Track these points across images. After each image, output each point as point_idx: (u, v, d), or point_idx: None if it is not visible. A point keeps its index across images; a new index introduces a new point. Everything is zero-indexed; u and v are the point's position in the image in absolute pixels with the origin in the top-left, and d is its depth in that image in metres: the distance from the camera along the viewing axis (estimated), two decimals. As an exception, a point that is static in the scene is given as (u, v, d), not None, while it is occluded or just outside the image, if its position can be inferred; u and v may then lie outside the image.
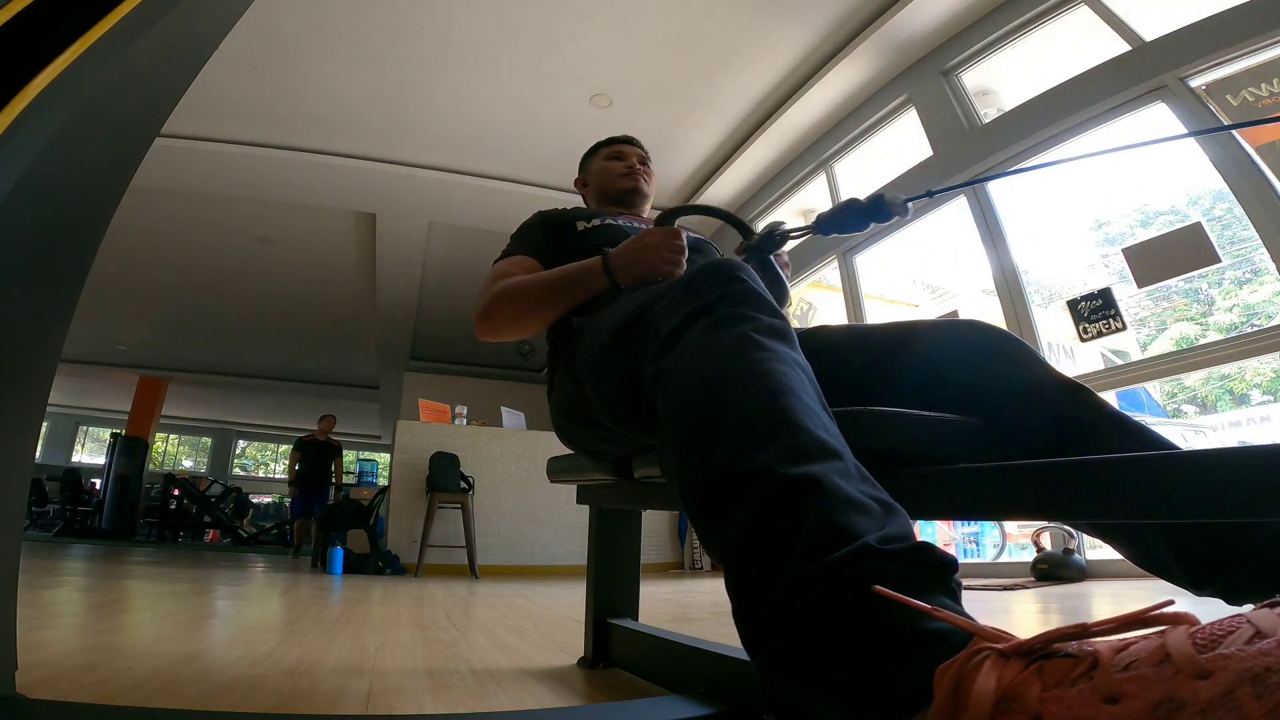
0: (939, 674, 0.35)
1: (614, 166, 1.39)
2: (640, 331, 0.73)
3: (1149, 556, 0.68)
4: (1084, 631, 0.34)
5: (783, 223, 0.95)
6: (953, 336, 0.83)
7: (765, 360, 0.56)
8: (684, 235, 1.01)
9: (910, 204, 0.84)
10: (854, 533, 0.43)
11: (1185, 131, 2.80)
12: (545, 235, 1.22)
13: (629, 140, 1.44)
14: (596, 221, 1.23)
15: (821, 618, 0.41)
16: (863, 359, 0.87)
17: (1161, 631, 0.32)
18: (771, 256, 0.98)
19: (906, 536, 0.45)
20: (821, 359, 0.84)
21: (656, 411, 0.63)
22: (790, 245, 1.00)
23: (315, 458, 6.47)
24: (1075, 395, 0.73)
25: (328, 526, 4.93)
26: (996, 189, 3.62)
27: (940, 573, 0.43)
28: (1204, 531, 0.62)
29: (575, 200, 1.50)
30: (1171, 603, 0.33)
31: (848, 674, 0.39)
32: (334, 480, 6.51)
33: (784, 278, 0.99)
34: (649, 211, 1.43)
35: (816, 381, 0.59)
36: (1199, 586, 0.63)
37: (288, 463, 6.64)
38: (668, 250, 0.98)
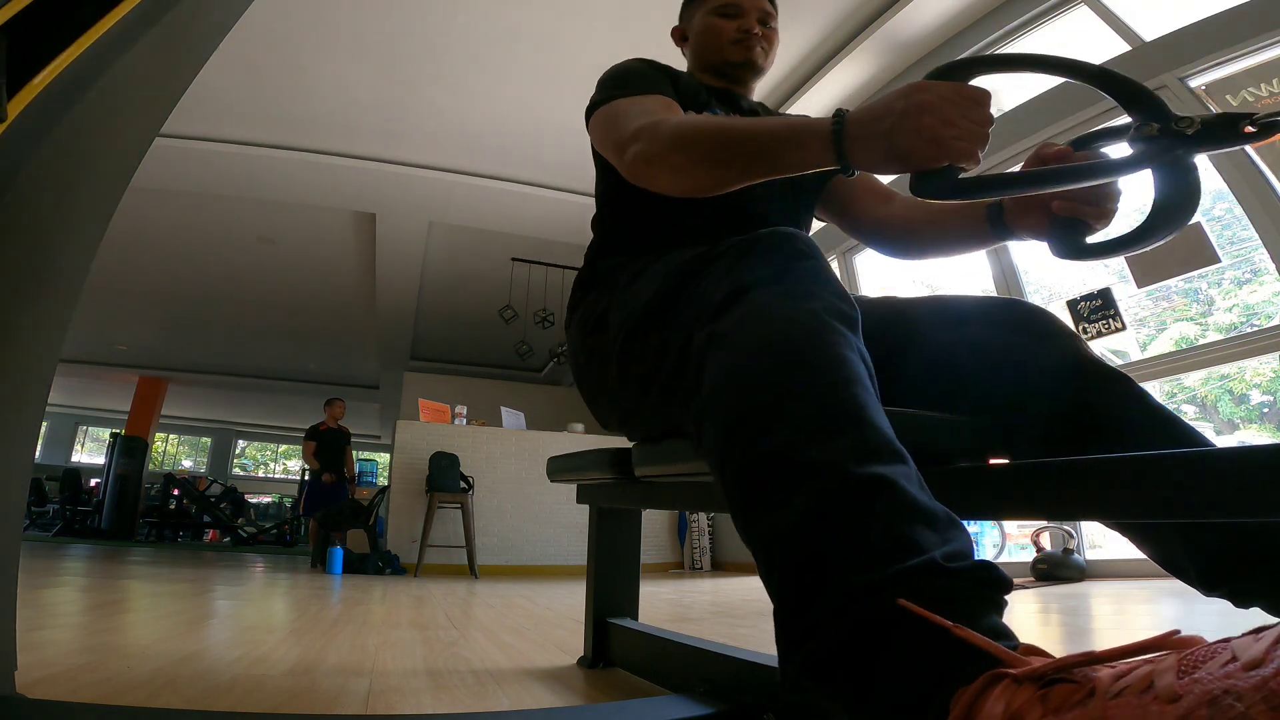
0: (956, 698, 0.36)
1: (724, 27, 1.03)
2: (686, 300, 0.66)
3: (1166, 554, 0.67)
4: (1090, 659, 0.35)
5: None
6: (989, 312, 0.79)
7: (836, 345, 0.51)
8: (991, 101, 0.61)
9: None
10: (920, 546, 0.42)
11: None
12: (676, 93, 0.93)
13: None
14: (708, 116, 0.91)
15: (871, 630, 0.40)
16: (889, 330, 0.82)
17: (1159, 659, 0.33)
18: (1196, 159, 0.56)
19: (968, 553, 0.44)
20: None
21: (699, 380, 0.57)
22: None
23: (331, 447, 5.80)
24: (1111, 383, 0.69)
25: (328, 526, 4.93)
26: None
27: (996, 591, 0.43)
28: (1219, 532, 0.61)
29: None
30: (1178, 632, 0.34)
31: (884, 690, 0.39)
32: (346, 472, 5.91)
33: (1200, 191, 0.58)
34: (758, 94, 1.11)
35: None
36: (1209, 587, 0.63)
37: (304, 453, 5.84)
38: (963, 116, 0.57)
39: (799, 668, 0.43)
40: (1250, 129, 0.53)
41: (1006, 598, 0.44)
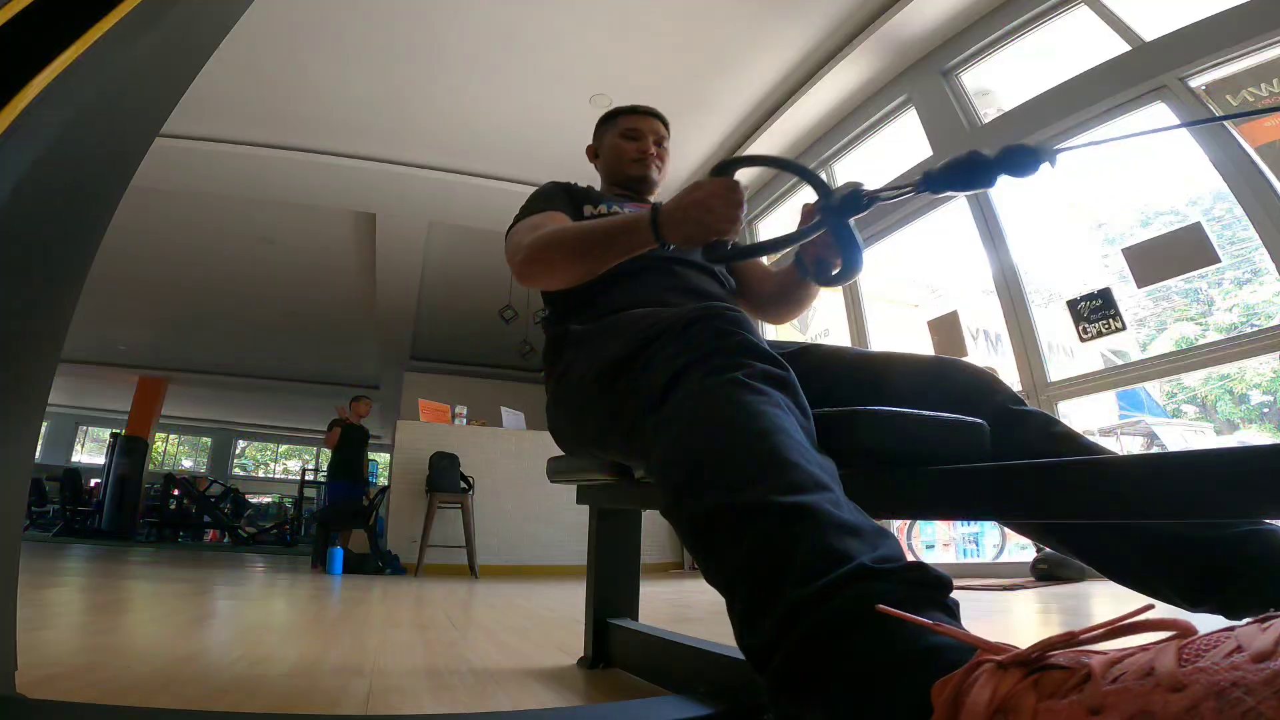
0: (938, 688, 0.36)
1: (626, 149, 1.29)
2: (634, 377, 0.73)
3: (1141, 579, 0.69)
4: (1072, 639, 0.35)
5: (860, 184, 0.80)
6: (937, 368, 0.88)
7: (756, 403, 0.58)
8: (742, 189, 0.85)
9: (1058, 154, 0.68)
10: (848, 555, 0.45)
11: (1179, 123, 2.80)
12: (569, 203, 1.17)
13: (650, 113, 1.33)
14: (603, 209, 1.18)
15: (822, 639, 0.42)
16: (851, 381, 0.90)
17: (1157, 645, 0.33)
18: (851, 222, 0.82)
19: (899, 557, 0.46)
20: (810, 379, 0.85)
21: (649, 456, 0.66)
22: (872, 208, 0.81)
23: (356, 444, 5.37)
24: (1049, 428, 0.77)
25: (328, 526, 4.92)
26: (995, 189, 3.62)
27: (935, 591, 0.44)
28: (1193, 545, 0.62)
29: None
30: (1152, 607, 0.33)
31: (851, 693, 0.40)
32: (364, 472, 5.49)
33: (860, 246, 0.85)
34: (656, 198, 1.36)
35: (812, 424, 0.62)
36: (1194, 603, 0.64)
37: (328, 440, 5.33)
38: (723, 204, 0.82)
39: (771, 689, 0.45)
40: (867, 198, 0.78)
41: (954, 597, 0.45)
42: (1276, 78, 2.64)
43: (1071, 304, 3.17)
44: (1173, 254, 2.86)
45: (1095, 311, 3.10)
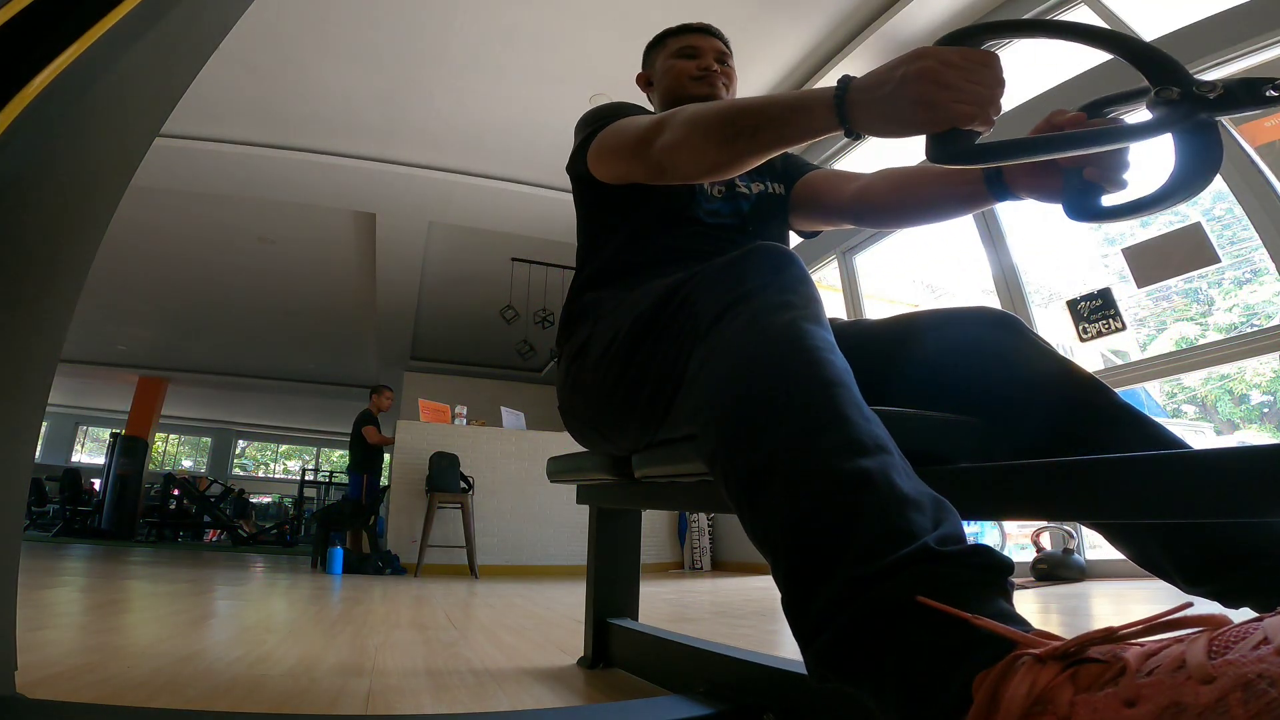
0: (979, 680, 0.36)
1: (685, 67, 1.10)
2: (673, 316, 0.69)
3: (1144, 554, 0.67)
4: (1111, 634, 0.35)
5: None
6: (954, 331, 0.81)
7: (815, 350, 0.54)
8: (1000, 63, 0.58)
9: None
10: (912, 533, 0.43)
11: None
12: None
13: (706, 29, 1.15)
14: None
15: (878, 619, 0.41)
16: (864, 355, 0.84)
17: (1189, 636, 0.34)
18: (1221, 119, 0.56)
19: (961, 536, 0.44)
20: None
21: (689, 398, 0.61)
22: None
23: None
24: (1080, 381, 0.71)
25: (328, 526, 4.92)
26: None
27: (997, 575, 0.43)
28: (1198, 532, 0.62)
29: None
30: (1190, 605, 0.34)
31: (899, 676, 0.39)
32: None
33: (1221, 153, 0.56)
34: None
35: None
36: (1191, 585, 0.63)
37: (371, 436, 5.16)
38: (966, 78, 0.56)
39: (814, 661, 0.44)
40: (1272, 93, 0.53)
41: (1013, 580, 0.44)
42: (1277, 77, 2.64)
43: (1071, 304, 3.17)
44: (1173, 254, 2.86)
45: (1095, 311, 3.10)
